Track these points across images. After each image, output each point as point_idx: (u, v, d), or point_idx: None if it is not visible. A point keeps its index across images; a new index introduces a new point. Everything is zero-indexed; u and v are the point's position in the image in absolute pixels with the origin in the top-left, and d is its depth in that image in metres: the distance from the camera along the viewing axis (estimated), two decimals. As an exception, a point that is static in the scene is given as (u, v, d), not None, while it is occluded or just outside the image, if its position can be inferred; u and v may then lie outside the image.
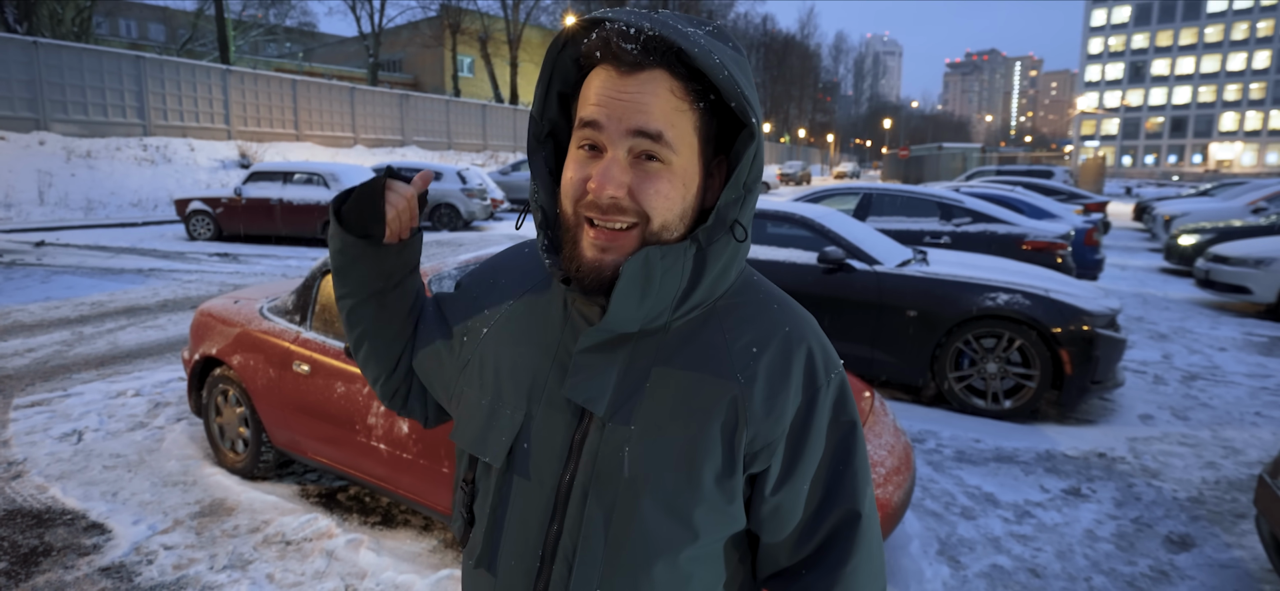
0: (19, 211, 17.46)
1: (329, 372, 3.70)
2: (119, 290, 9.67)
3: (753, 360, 0.90)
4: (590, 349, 0.89)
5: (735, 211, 0.87)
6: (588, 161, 0.85)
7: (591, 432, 0.90)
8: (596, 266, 0.86)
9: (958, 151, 45.46)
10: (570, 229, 0.88)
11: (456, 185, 18.70)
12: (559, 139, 0.97)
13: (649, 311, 0.87)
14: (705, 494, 0.88)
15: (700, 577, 0.92)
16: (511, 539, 0.93)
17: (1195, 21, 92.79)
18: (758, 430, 0.88)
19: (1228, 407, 5.82)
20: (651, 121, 0.82)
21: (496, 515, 0.95)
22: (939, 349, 5.63)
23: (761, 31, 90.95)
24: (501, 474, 0.95)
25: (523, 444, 0.93)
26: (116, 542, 3.52)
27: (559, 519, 0.90)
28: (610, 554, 0.88)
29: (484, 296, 1.06)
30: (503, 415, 0.95)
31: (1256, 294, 9.44)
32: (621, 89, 0.82)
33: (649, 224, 0.85)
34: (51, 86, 20.07)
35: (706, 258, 0.87)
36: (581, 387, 0.89)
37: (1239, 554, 3.64)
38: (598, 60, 0.84)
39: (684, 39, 0.80)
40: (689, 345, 0.91)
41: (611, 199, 0.83)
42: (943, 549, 3.64)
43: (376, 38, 42.31)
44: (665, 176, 0.84)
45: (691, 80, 0.84)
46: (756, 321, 0.93)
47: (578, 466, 0.90)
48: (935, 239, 8.92)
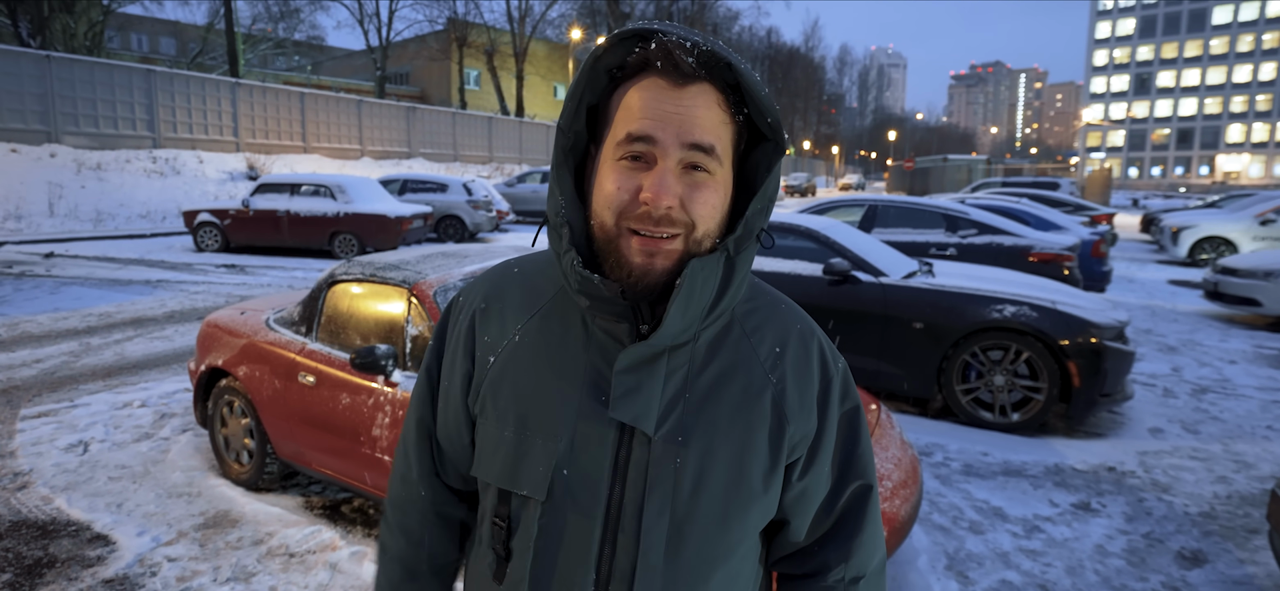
0: (29, 223, 17.55)
1: (334, 384, 3.69)
2: (126, 301, 9.70)
3: (779, 361, 0.95)
4: (631, 367, 0.88)
5: (763, 221, 0.90)
6: (633, 173, 0.85)
7: (636, 450, 0.89)
8: (646, 272, 0.86)
9: (963, 163, 45.46)
10: (610, 240, 0.87)
11: (462, 197, 18.75)
12: (582, 151, 0.96)
13: (688, 322, 0.88)
14: (755, 494, 0.92)
15: (746, 573, 0.98)
16: (563, 570, 0.91)
17: (1200, 33, 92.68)
18: (798, 426, 0.94)
19: (1239, 421, 5.77)
20: (706, 135, 0.84)
21: (541, 546, 0.92)
22: (946, 361, 5.60)
23: (766, 44, 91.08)
24: (544, 505, 0.91)
25: (562, 471, 0.91)
26: (120, 554, 3.51)
27: (610, 541, 0.90)
28: (669, 567, 0.89)
29: (481, 325, 1.01)
30: (535, 445, 0.92)
31: (1266, 306, 9.38)
32: (677, 101, 0.83)
33: (693, 232, 0.86)
34: (63, 100, 20.22)
35: (735, 266, 0.89)
36: (628, 407, 0.88)
37: (1252, 570, 3.60)
38: (649, 71, 0.85)
39: (731, 56, 0.83)
40: (719, 354, 0.93)
41: (667, 209, 0.83)
42: (951, 563, 3.61)
43: (384, 51, 42.52)
44: (711, 187, 0.86)
45: (730, 94, 0.86)
46: (772, 323, 0.98)
47: (626, 485, 0.89)
48: (941, 251, 8.89)
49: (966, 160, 46.55)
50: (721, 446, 0.90)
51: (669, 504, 0.88)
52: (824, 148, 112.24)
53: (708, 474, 0.89)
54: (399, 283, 3.69)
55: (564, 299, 0.96)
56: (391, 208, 15.13)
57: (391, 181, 19.31)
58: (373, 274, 3.84)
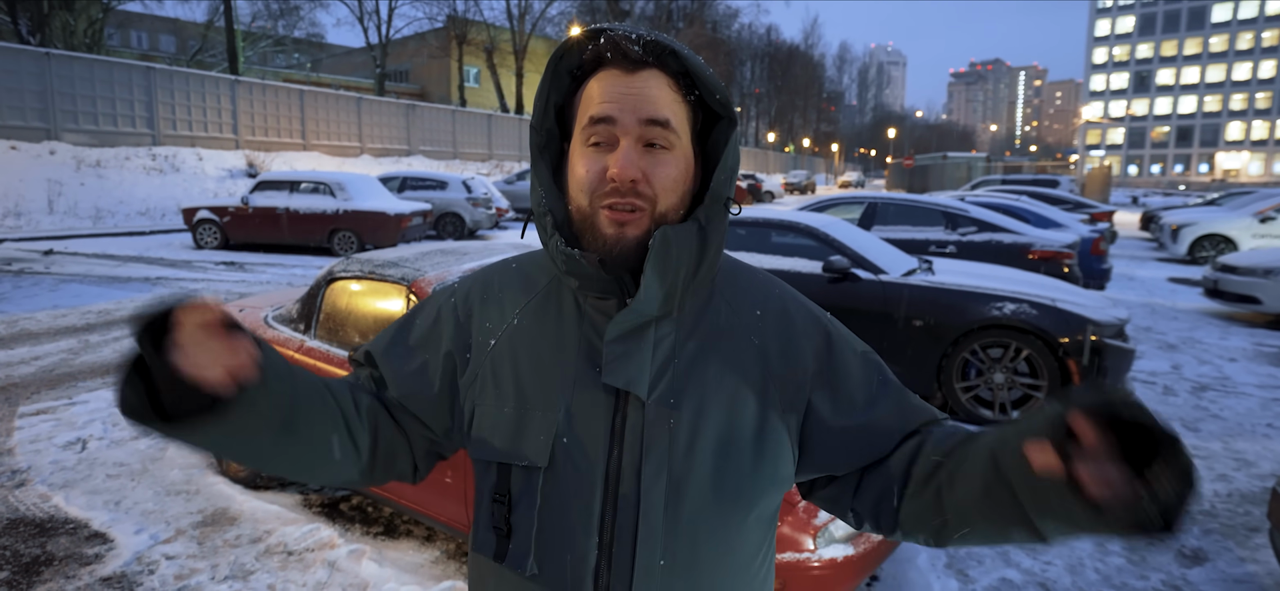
0: (29, 220, 17.54)
1: (332, 382, 3.68)
2: (126, 298, 9.69)
3: (759, 322, 1.01)
4: (620, 337, 0.94)
5: (728, 189, 0.96)
6: (599, 155, 0.92)
7: (631, 415, 0.94)
8: (619, 240, 0.92)
9: (963, 160, 45.46)
10: (587, 219, 0.94)
11: (462, 194, 18.73)
12: (556, 148, 1.03)
13: (669, 290, 0.93)
14: (747, 451, 0.96)
15: (754, 536, 1.00)
16: (567, 535, 0.94)
17: (1199, 31, 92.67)
18: (784, 377, 0.99)
19: (1239, 419, 5.77)
20: (661, 110, 0.91)
21: (545, 517, 0.95)
22: (945, 359, 5.59)
23: (766, 41, 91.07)
24: (546, 473, 0.95)
25: (562, 440, 0.95)
26: (118, 552, 3.50)
27: (612, 504, 0.94)
28: (670, 525, 0.93)
29: (480, 312, 1.05)
30: (534, 417, 0.97)
31: (1266, 304, 9.37)
32: (629, 85, 0.91)
33: (657, 205, 0.92)
34: (63, 97, 20.22)
35: (707, 235, 0.95)
36: (620, 372, 0.93)
37: (1253, 568, 3.59)
38: (602, 64, 0.93)
39: (675, 43, 0.92)
40: (703, 320, 0.99)
41: (631, 181, 0.90)
42: (951, 561, 3.60)
43: (383, 48, 42.47)
44: (671, 161, 0.93)
45: (680, 78, 0.94)
46: (751, 290, 1.04)
47: (623, 449, 0.94)
48: (941, 248, 8.89)
49: (966, 158, 46.55)
50: (712, 405, 0.95)
51: (665, 463, 0.93)
52: (824, 145, 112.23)
53: (701, 432, 0.94)
54: (398, 280, 3.68)
55: (557, 284, 1.03)
56: (391, 205, 15.12)
57: (391, 179, 19.30)
58: (371, 271, 3.83)
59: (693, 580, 0.95)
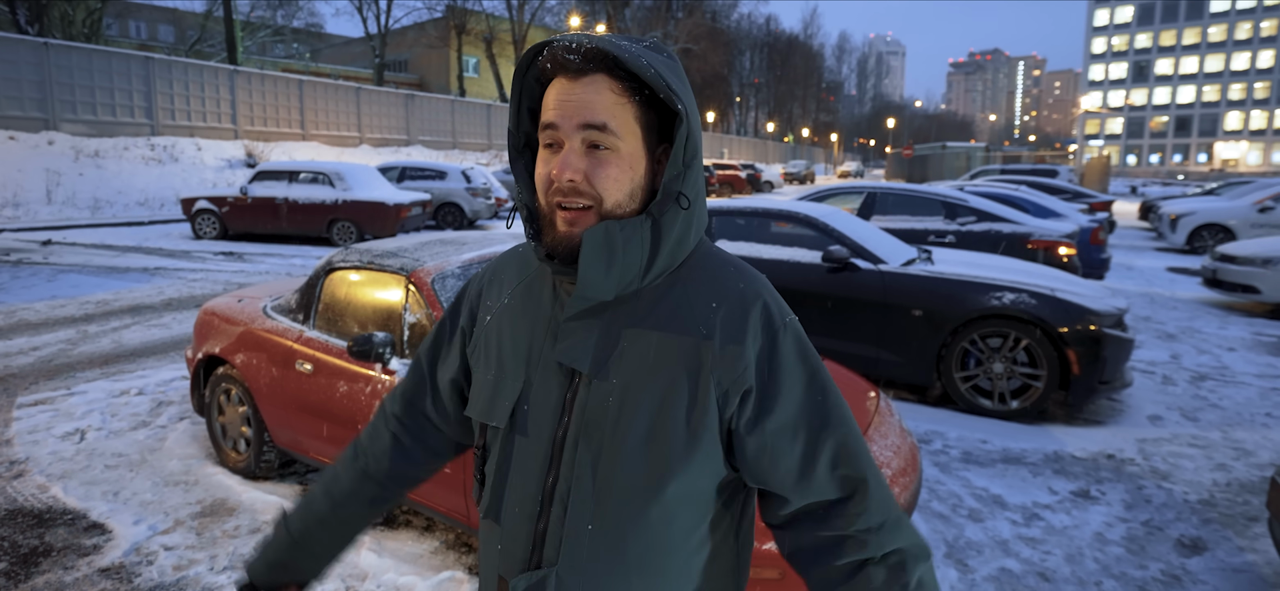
0: (27, 210, 17.51)
1: (331, 372, 3.68)
2: (124, 289, 9.68)
3: (712, 314, 1.04)
4: (574, 317, 1.04)
5: (679, 185, 1.01)
6: (552, 158, 1.01)
7: (580, 390, 1.03)
8: (567, 238, 1.01)
9: (962, 150, 45.36)
10: (546, 216, 1.04)
11: (461, 184, 18.70)
12: (534, 148, 1.13)
13: (619, 279, 1.01)
14: (678, 433, 1.00)
15: (682, 518, 1.03)
16: (515, 489, 1.07)
17: (1198, 21, 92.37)
18: (722, 373, 1.01)
19: (1238, 408, 5.77)
20: (597, 114, 0.98)
21: (502, 470, 1.09)
22: (945, 349, 5.59)
23: (765, 31, 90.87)
24: (505, 433, 1.09)
25: (523, 406, 1.07)
26: (117, 543, 3.50)
27: (555, 468, 1.04)
28: (599, 493, 1.01)
29: (487, 291, 1.21)
30: (505, 383, 1.10)
31: (1265, 293, 9.38)
32: (571, 92, 0.99)
33: (602, 204, 1.00)
34: (61, 87, 20.17)
35: (661, 228, 1.01)
36: (568, 351, 1.03)
37: (1252, 558, 3.60)
38: (551, 73, 1.02)
39: (616, 48, 0.97)
40: (657, 307, 1.05)
41: (570, 182, 0.98)
42: (950, 551, 3.60)
43: (382, 38, 42.36)
44: (613, 162, 1.00)
45: (629, 80, 1.00)
46: (714, 283, 1.07)
47: (571, 420, 1.03)
48: (940, 238, 8.88)
49: (965, 148, 46.42)
50: (643, 386, 1.01)
51: (598, 436, 1.01)
52: (823, 135, 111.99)
53: (629, 410, 1.00)
54: (397, 270, 3.67)
55: (543, 269, 1.13)
56: (390, 195, 15.09)
57: (390, 169, 19.26)
58: (371, 261, 3.81)
59: (616, 546, 1.01)
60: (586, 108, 0.97)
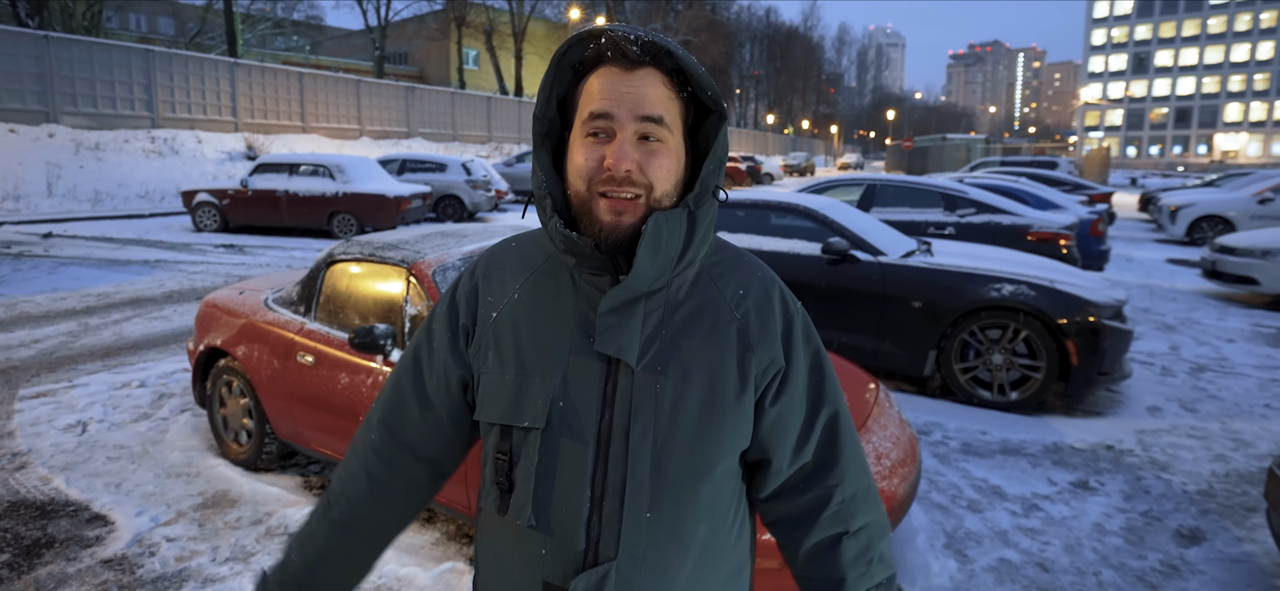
0: (27, 203, 17.49)
1: (333, 363, 3.69)
2: (125, 281, 9.68)
3: (743, 300, 1.11)
4: (613, 310, 1.03)
5: (715, 179, 1.06)
6: (597, 146, 1.01)
7: (622, 381, 1.03)
8: (615, 227, 1.02)
9: (961, 142, 45.37)
10: (584, 204, 1.03)
11: (461, 176, 18.68)
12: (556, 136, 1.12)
13: (659, 269, 1.02)
14: (728, 413, 1.05)
15: (727, 492, 1.10)
16: (562, 490, 1.03)
17: (1198, 12, 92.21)
18: (761, 353, 1.08)
19: (1237, 399, 5.78)
20: (654, 107, 1.00)
21: (542, 473, 1.04)
22: (944, 340, 5.60)
23: (765, 23, 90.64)
24: (543, 433, 1.04)
25: (558, 403, 1.04)
26: (119, 534, 3.51)
27: (603, 461, 1.02)
28: (655, 480, 1.02)
29: (485, 288, 1.16)
30: (533, 382, 1.06)
31: (1264, 285, 9.38)
32: (628, 83, 1.00)
33: (652, 193, 1.02)
34: (61, 79, 20.13)
35: (696, 220, 1.05)
36: (612, 341, 1.02)
37: (1250, 548, 3.61)
38: (602, 62, 1.02)
39: (671, 44, 1.01)
40: (690, 297, 1.08)
41: (626, 171, 0.99)
42: (949, 542, 3.62)
43: (383, 31, 42.26)
44: (664, 153, 1.02)
45: (675, 76, 1.03)
46: (736, 272, 1.13)
47: (614, 412, 1.03)
48: (940, 230, 8.88)
49: (965, 139, 46.45)
50: (695, 372, 1.04)
51: (652, 425, 1.02)
52: (822, 127, 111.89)
53: (684, 396, 1.03)
54: (398, 262, 3.68)
55: (555, 261, 1.11)
56: (390, 187, 15.08)
57: (390, 161, 19.23)
58: (371, 253, 3.82)
59: (676, 530, 1.03)
60: (644, 100, 1.00)
